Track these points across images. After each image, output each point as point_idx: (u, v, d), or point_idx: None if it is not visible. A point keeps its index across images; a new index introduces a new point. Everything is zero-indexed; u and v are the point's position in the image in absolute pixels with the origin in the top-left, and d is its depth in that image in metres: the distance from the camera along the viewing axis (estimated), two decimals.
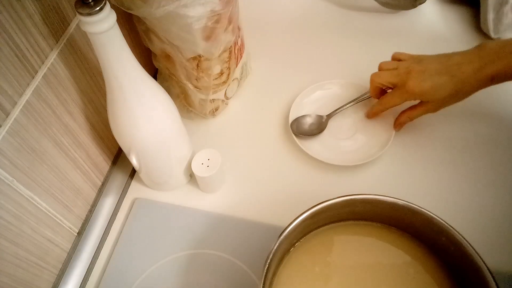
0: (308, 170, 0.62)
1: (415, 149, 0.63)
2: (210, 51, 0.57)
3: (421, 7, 0.78)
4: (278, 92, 0.71)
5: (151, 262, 0.55)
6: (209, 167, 0.57)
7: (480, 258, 0.41)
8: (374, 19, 0.79)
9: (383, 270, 0.47)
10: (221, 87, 0.64)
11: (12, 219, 0.44)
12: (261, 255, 0.43)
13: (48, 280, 0.52)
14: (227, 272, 0.54)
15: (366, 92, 0.66)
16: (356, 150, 0.62)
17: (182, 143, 0.57)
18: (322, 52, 0.76)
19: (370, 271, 0.47)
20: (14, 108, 0.43)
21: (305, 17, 0.81)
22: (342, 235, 0.49)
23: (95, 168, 0.59)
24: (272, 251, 0.42)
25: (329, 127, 0.65)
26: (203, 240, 0.56)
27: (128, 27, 0.61)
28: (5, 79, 0.41)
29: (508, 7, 0.68)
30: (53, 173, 0.49)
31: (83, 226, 0.57)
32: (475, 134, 0.63)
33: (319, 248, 0.48)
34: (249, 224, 0.57)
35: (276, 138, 0.66)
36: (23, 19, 0.42)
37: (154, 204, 0.60)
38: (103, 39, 0.41)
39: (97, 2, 0.39)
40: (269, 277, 0.43)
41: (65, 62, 0.49)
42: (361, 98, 0.66)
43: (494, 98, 0.67)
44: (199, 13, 0.52)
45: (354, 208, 0.47)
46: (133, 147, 0.53)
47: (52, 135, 0.49)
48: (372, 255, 0.48)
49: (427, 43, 0.75)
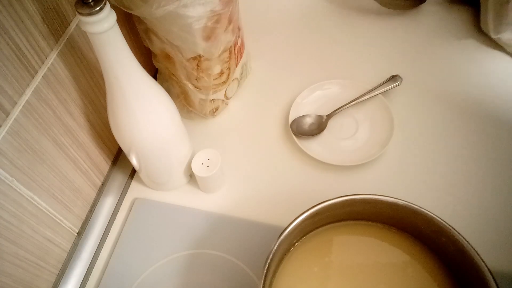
0: (308, 170, 0.62)
1: (415, 149, 0.63)
2: (210, 51, 0.57)
3: (421, 7, 0.78)
4: (278, 92, 0.71)
5: (151, 262, 0.55)
6: (209, 167, 0.57)
7: (480, 258, 0.41)
8: (374, 19, 0.79)
9: (382, 270, 0.47)
10: (221, 87, 0.64)
11: (12, 219, 0.44)
12: (261, 255, 0.43)
13: (48, 280, 0.52)
14: (227, 272, 0.54)
15: (366, 92, 0.66)
16: (356, 150, 0.62)
17: (182, 143, 0.57)
18: (322, 52, 0.76)
19: (369, 271, 0.47)
20: (14, 108, 0.43)
21: (305, 17, 0.81)
22: (342, 235, 0.49)
23: (95, 168, 0.59)
24: (272, 251, 0.42)
25: (329, 127, 0.65)
26: (203, 240, 0.56)
27: (128, 27, 0.61)
28: (5, 79, 0.41)
29: (508, 7, 0.68)
30: (53, 173, 0.49)
31: (83, 226, 0.57)
32: (475, 134, 0.63)
33: (319, 248, 0.48)
34: (249, 224, 0.57)
35: (276, 138, 0.66)
36: (23, 19, 0.42)
37: (154, 204, 0.60)
38: (103, 39, 0.41)
39: (97, 2, 0.39)
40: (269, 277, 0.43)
41: (65, 62, 0.49)
42: (361, 98, 0.66)
43: (494, 98, 0.67)
44: (199, 13, 0.52)
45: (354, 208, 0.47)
46: (133, 147, 0.53)
47: (52, 135, 0.49)
48: (371, 255, 0.48)
49: (427, 43, 0.75)
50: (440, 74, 0.71)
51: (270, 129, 0.67)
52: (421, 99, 0.68)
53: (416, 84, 0.70)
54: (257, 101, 0.70)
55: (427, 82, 0.70)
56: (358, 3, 0.81)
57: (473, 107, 0.66)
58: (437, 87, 0.69)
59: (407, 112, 0.66)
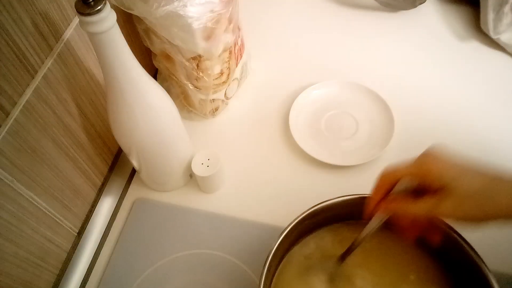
0: (308, 170, 0.62)
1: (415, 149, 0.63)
2: (210, 51, 0.57)
3: (421, 7, 0.78)
4: (278, 92, 0.71)
5: (151, 262, 0.55)
6: (209, 167, 0.57)
7: (480, 258, 0.41)
8: (374, 19, 0.79)
9: (382, 269, 0.47)
10: (221, 87, 0.64)
11: (12, 219, 0.44)
12: (261, 255, 0.43)
13: (48, 280, 0.52)
14: (227, 272, 0.54)
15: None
16: (356, 150, 0.62)
17: (182, 143, 0.57)
18: (322, 52, 0.76)
19: (369, 271, 0.47)
20: (14, 108, 0.43)
21: (305, 18, 0.81)
22: (342, 235, 0.49)
23: (95, 168, 0.59)
24: (272, 251, 0.42)
25: (329, 127, 0.65)
26: (203, 240, 0.56)
27: (128, 27, 0.61)
28: (5, 79, 0.41)
29: (508, 7, 0.68)
30: (53, 173, 0.49)
31: (83, 226, 0.57)
32: (475, 134, 0.63)
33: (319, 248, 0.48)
34: (249, 224, 0.57)
35: (276, 138, 0.66)
36: (23, 19, 0.42)
37: (154, 204, 0.60)
38: (103, 39, 0.41)
39: (97, 2, 0.39)
40: (269, 277, 0.43)
41: (65, 62, 0.49)
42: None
43: (494, 98, 0.67)
44: (199, 13, 0.52)
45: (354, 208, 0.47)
46: (133, 147, 0.53)
47: (52, 135, 0.48)
48: (371, 255, 0.48)
49: (427, 43, 0.75)
50: (440, 74, 0.71)
51: (270, 129, 0.67)
52: (421, 99, 0.68)
53: (416, 84, 0.70)
54: (257, 101, 0.70)
55: (427, 82, 0.70)
56: (358, 3, 0.81)
57: (473, 107, 0.66)
58: (437, 87, 0.69)
59: (407, 112, 0.66)
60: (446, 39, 0.75)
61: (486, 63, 0.71)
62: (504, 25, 0.70)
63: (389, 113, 0.64)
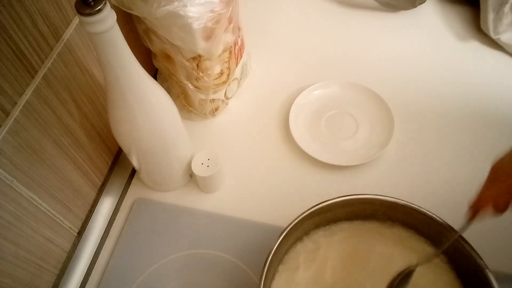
0: (308, 170, 0.62)
1: (415, 149, 0.63)
2: (210, 51, 0.57)
3: (421, 7, 0.78)
4: (278, 92, 0.71)
5: (151, 262, 0.55)
6: (209, 167, 0.57)
7: (480, 258, 0.41)
8: (374, 19, 0.79)
9: (382, 269, 0.47)
10: (221, 87, 0.64)
11: (12, 219, 0.44)
12: (261, 255, 0.43)
13: (48, 280, 0.52)
14: (227, 272, 0.54)
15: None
16: (356, 150, 0.62)
17: (182, 143, 0.57)
18: (322, 52, 0.76)
19: (369, 271, 0.47)
20: (14, 108, 0.43)
21: (305, 17, 0.81)
22: (342, 235, 0.49)
23: (95, 168, 0.59)
24: (272, 251, 0.42)
25: (329, 127, 0.65)
26: (203, 240, 0.56)
27: (128, 27, 0.61)
28: (5, 79, 0.41)
29: (508, 7, 0.68)
30: (53, 173, 0.49)
31: (83, 226, 0.57)
32: (475, 134, 0.63)
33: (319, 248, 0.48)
34: (249, 224, 0.57)
35: (276, 138, 0.66)
36: (23, 19, 0.42)
37: (154, 204, 0.60)
38: (103, 39, 0.41)
39: (97, 2, 0.39)
40: (269, 277, 0.44)
41: (65, 62, 0.49)
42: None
43: (494, 98, 0.67)
44: (199, 13, 0.52)
45: (354, 208, 0.47)
46: (133, 147, 0.53)
47: (52, 135, 0.49)
48: (371, 255, 0.48)
49: (427, 43, 0.75)
50: (440, 73, 0.71)
51: (270, 129, 0.67)
52: (421, 99, 0.68)
53: (416, 84, 0.70)
54: (257, 101, 0.70)
55: (427, 82, 0.70)
56: (358, 3, 0.81)
57: (473, 107, 0.66)
58: (437, 87, 0.69)
59: (407, 112, 0.66)
60: (446, 39, 0.75)
61: (486, 63, 0.71)
62: (504, 25, 0.70)
63: (389, 113, 0.64)
